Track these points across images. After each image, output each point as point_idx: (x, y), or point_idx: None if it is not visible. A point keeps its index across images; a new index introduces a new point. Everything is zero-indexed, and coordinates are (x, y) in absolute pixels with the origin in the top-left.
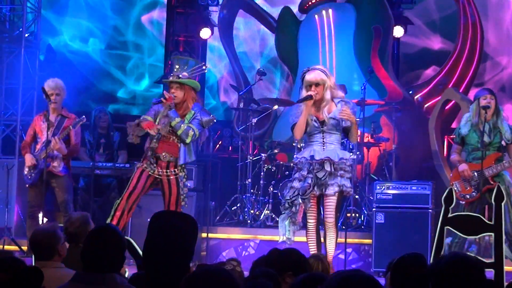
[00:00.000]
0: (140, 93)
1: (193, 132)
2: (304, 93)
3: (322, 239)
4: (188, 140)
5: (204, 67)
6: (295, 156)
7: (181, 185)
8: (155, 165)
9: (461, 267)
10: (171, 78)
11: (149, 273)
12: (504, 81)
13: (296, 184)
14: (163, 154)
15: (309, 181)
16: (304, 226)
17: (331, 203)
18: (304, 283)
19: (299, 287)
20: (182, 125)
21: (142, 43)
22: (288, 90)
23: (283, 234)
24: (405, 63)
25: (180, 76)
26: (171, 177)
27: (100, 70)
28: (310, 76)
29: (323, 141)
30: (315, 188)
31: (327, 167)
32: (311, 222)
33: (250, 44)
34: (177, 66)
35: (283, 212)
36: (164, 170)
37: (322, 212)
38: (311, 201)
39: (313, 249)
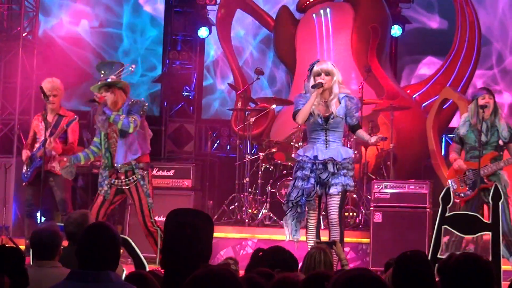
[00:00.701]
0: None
1: (133, 119)
2: (312, 82)
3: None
4: (131, 130)
5: (131, 68)
6: (296, 153)
7: (143, 182)
8: (114, 177)
9: (472, 266)
10: (99, 83)
11: (168, 270)
12: (496, 68)
13: (299, 183)
14: (119, 165)
15: (312, 182)
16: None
17: (334, 201)
18: (311, 280)
19: (305, 284)
20: (120, 117)
21: (137, 23)
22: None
23: (290, 233)
24: (402, 45)
25: (109, 79)
26: (130, 186)
27: (94, 57)
28: (321, 65)
29: (326, 139)
30: (318, 188)
31: (330, 168)
32: (312, 221)
33: (245, 26)
34: (103, 72)
35: (287, 212)
36: (123, 181)
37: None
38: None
39: None
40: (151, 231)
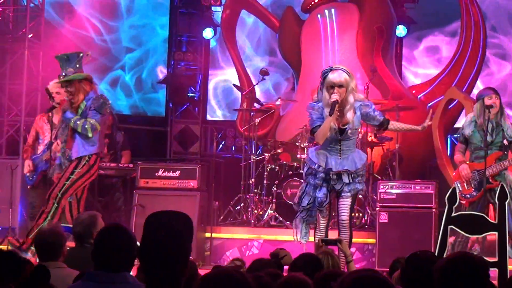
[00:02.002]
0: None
1: (90, 126)
2: (326, 96)
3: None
4: (90, 134)
5: (87, 55)
6: (308, 156)
7: (76, 164)
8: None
9: (465, 265)
10: (60, 79)
11: (148, 274)
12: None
13: (310, 190)
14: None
15: (324, 192)
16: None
17: (346, 203)
18: (319, 280)
19: (316, 285)
20: (78, 122)
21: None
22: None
23: (298, 235)
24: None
25: (65, 73)
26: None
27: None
28: (333, 76)
29: (340, 149)
30: (330, 196)
31: (345, 179)
32: (323, 222)
33: None
34: (61, 65)
35: (297, 215)
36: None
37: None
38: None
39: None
40: (50, 201)
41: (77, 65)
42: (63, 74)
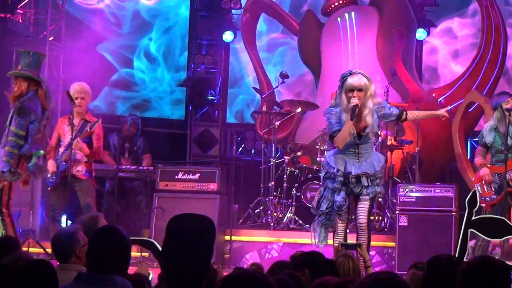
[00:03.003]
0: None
1: None
2: (345, 100)
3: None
4: None
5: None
6: (326, 161)
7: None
8: None
9: (486, 268)
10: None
11: (170, 276)
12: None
13: (328, 194)
14: None
15: (343, 196)
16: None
17: (364, 206)
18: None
19: None
20: None
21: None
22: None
23: (317, 239)
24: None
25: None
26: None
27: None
28: (353, 80)
29: (358, 152)
30: (348, 200)
31: (364, 182)
32: (341, 226)
33: None
34: (24, 60)
35: (316, 219)
36: None
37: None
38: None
39: None
40: None
41: (32, 64)
42: (20, 69)
